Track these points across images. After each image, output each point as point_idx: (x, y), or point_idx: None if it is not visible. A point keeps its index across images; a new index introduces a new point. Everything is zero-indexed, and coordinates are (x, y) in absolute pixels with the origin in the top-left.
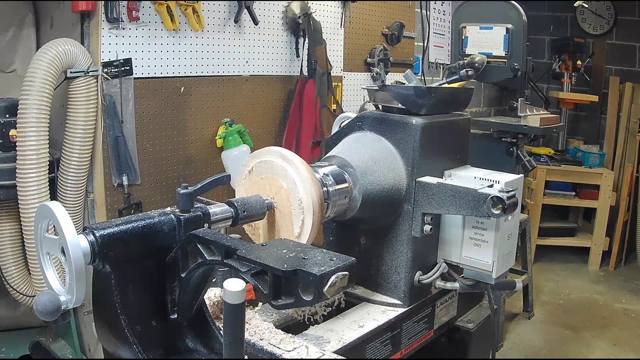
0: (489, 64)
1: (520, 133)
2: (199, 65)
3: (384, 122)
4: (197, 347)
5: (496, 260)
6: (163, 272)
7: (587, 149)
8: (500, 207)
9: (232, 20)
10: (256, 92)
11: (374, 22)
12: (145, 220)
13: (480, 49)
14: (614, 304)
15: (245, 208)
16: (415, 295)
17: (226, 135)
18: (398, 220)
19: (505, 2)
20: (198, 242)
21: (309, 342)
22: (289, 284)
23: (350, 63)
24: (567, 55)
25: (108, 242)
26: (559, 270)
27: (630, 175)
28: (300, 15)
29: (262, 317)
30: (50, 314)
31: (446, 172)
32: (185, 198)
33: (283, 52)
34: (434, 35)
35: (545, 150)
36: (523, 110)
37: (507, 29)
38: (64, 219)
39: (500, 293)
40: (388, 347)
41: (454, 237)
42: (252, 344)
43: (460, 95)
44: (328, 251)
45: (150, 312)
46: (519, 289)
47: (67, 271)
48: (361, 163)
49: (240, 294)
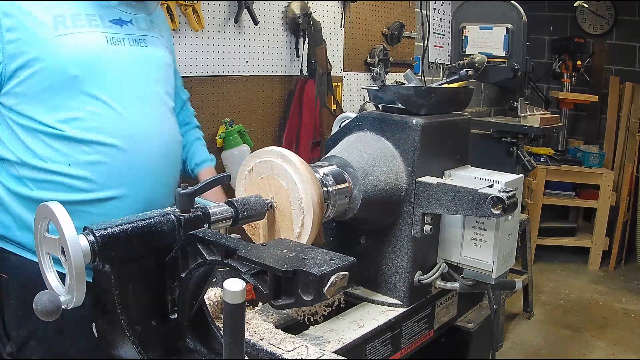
0: (489, 64)
1: (520, 133)
2: (199, 65)
3: (384, 122)
4: (197, 347)
5: (496, 260)
6: (163, 272)
7: (587, 149)
8: (500, 207)
9: (232, 20)
10: (256, 92)
11: (374, 22)
12: (145, 220)
13: (480, 49)
14: (614, 304)
15: (245, 208)
16: (415, 295)
17: (226, 135)
18: (398, 220)
19: (505, 2)
20: (198, 242)
21: (309, 342)
22: (289, 284)
23: (350, 63)
24: (567, 55)
25: (108, 242)
26: (559, 270)
27: (630, 175)
28: (300, 15)
29: (262, 317)
30: (50, 314)
31: (446, 172)
32: (185, 198)
33: (283, 52)
34: (434, 35)
35: (545, 150)
36: (523, 110)
37: (507, 29)
38: (64, 219)
39: (500, 293)
40: (388, 347)
41: (454, 237)
42: (252, 344)
43: (460, 95)
44: (328, 251)
45: (150, 312)
46: (519, 289)
47: (67, 271)
48: (361, 163)
49: (240, 294)
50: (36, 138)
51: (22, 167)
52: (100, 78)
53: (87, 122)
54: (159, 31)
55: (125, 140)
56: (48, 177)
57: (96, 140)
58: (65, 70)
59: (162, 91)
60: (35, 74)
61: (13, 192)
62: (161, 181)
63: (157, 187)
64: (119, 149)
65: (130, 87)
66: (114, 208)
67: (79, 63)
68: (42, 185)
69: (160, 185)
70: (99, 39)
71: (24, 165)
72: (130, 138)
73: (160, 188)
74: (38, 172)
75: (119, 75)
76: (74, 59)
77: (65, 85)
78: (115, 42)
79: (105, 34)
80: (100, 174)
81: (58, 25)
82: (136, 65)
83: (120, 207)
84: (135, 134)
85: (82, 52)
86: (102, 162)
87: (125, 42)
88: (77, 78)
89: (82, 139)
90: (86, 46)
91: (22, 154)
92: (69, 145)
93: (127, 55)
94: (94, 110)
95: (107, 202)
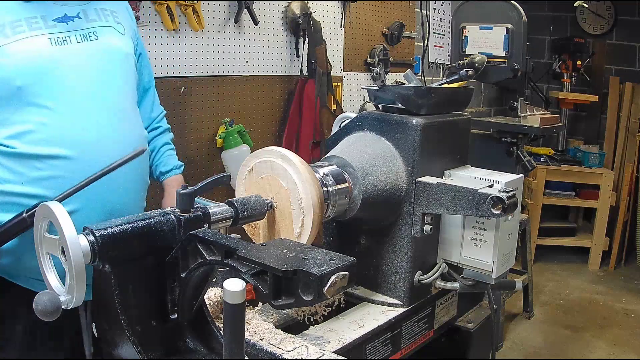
0: (489, 64)
1: (520, 133)
2: (199, 65)
3: (384, 122)
4: (197, 347)
5: (496, 260)
6: (163, 272)
7: (587, 149)
8: (500, 207)
9: (232, 20)
10: (256, 92)
11: (374, 22)
12: (145, 220)
13: (480, 49)
14: (614, 304)
15: (245, 208)
16: (415, 295)
17: (226, 135)
18: (398, 220)
19: (505, 2)
20: (198, 242)
21: (309, 342)
22: (289, 284)
23: (350, 63)
24: (567, 55)
25: (108, 242)
26: (559, 270)
27: (630, 175)
28: (300, 15)
29: (262, 317)
30: (50, 314)
31: (446, 172)
32: (185, 198)
33: (283, 52)
34: (434, 35)
35: (545, 150)
36: (523, 110)
37: (507, 29)
38: (64, 219)
39: (500, 293)
40: (388, 347)
41: (454, 237)
42: (252, 344)
43: (460, 95)
44: (328, 251)
45: (150, 312)
46: (519, 289)
47: (67, 271)
48: (361, 163)
49: (240, 294)
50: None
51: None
52: (46, 85)
53: (36, 135)
54: (115, 18)
55: (77, 149)
56: (5, 199)
57: (47, 153)
58: (9, 82)
59: (119, 85)
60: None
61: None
62: (125, 188)
63: (120, 194)
64: (70, 160)
65: (80, 89)
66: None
67: (22, 73)
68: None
69: (124, 191)
70: (41, 42)
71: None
72: (84, 146)
73: (125, 194)
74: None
75: (65, 79)
76: (16, 69)
77: (11, 98)
78: (60, 42)
79: (48, 36)
80: (54, 190)
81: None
82: (85, 63)
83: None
84: (88, 142)
85: (23, 60)
86: (54, 176)
87: (71, 39)
88: (22, 89)
89: (33, 154)
90: (28, 53)
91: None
92: (21, 162)
93: (74, 54)
94: (42, 121)
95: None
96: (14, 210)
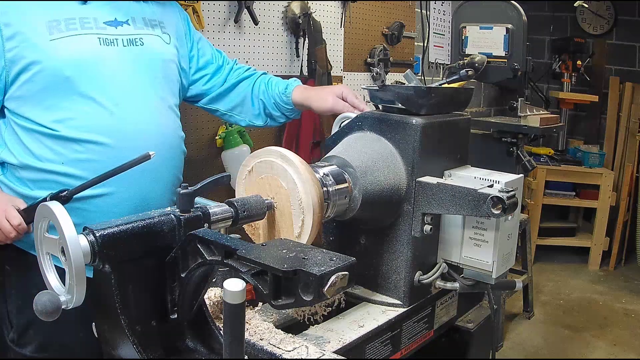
0: (489, 64)
1: (520, 133)
2: None
3: (384, 122)
4: (197, 347)
5: (496, 260)
6: (163, 272)
7: (587, 149)
8: (500, 207)
9: (232, 20)
10: None
11: (374, 22)
12: (145, 220)
13: (480, 49)
14: (614, 304)
15: (245, 208)
16: (415, 295)
17: (226, 135)
18: (398, 220)
19: (505, 2)
20: (198, 242)
21: (309, 342)
22: (289, 284)
23: (350, 63)
24: (567, 55)
25: (108, 242)
26: (559, 270)
27: (630, 175)
28: (300, 15)
29: (262, 317)
30: (50, 314)
31: (446, 172)
32: (185, 198)
33: (283, 52)
34: (434, 35)
35: (545, 150)
36: (523, 110)
37: (507, 29)
38: (64, 219)
39: (500, 293)
40: (388, 347)
41: (454, 237)
42: (252, 344)
43: (460, 95)
44: (328, 251)
45: (150, 312)
46: (519, 289)
47: (67, 271)
48: (361, 163)
49: (240, 294)
50: (34, 139)
51: (23, 170)
52: (92, 78)
53: (79, 122)
54: (162, 29)
55: (116, 138)
56: (45, 177)
57: (87, 139)
58: (59, 72)
59: (158, 89)
60: (33, 77)
61: (16, 193)
62: (156, 178)
63: (151, 184)
64: (108, 147)
65: (122, 85)
66: (105, 205)
67: (71, 65)
68: (40, 184)
69: (156, 181)
70: (91, 40)
71: (24, 167)
72: (121, 135)
73: (156, 185)
74: (36, 172)
75: (110, 75)
76: (67, 61)
77: (59, 87)
78: (107, 43)
79: (98, 36)
80: (90, 171)
81: (52, 30)
82: (129, 63)
83: (112, 203)
84: (125, 132)
85: (74, 54)
86: (91, 159)
87: (118, 42)
88: (70, 79)
89: (75, 138)
90: (78, 48)
91: (22, 156)
92: (63, 144)
93: (119, 54)
94: (86, 110)
95: (98, 199)
96: (53, 187)
